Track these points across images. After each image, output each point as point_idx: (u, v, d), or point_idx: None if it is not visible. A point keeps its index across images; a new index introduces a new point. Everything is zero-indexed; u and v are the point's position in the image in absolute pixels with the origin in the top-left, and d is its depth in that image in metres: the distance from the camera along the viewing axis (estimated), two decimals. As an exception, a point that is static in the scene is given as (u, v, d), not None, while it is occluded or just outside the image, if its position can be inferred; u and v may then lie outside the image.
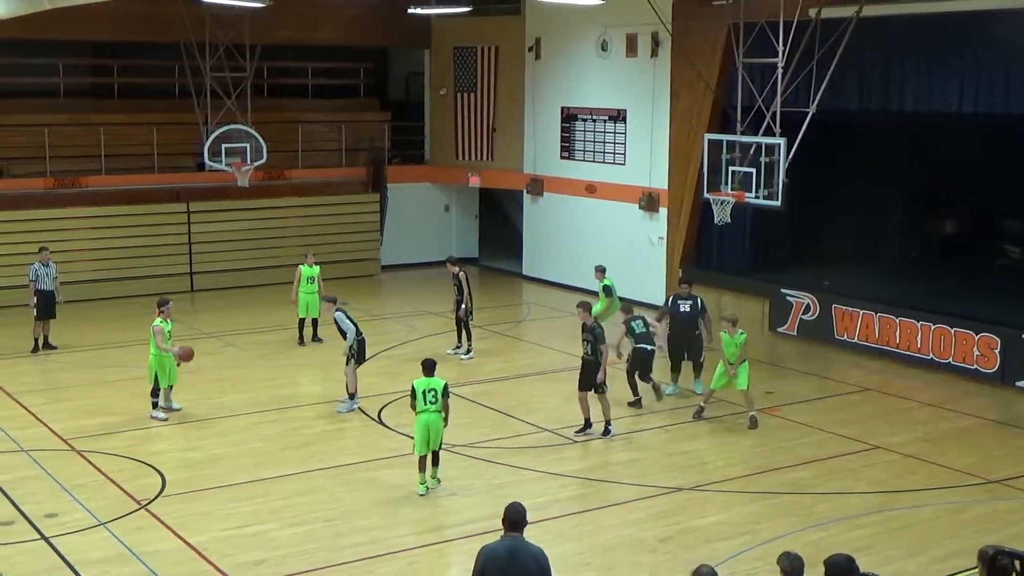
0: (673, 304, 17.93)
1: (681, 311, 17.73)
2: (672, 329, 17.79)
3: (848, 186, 23.61)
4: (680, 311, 17.73)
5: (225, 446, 15.32)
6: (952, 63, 18.96)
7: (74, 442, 15.25)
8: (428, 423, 13.23)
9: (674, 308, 17.85)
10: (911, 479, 13.91)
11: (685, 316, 17.67)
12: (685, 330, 17.68)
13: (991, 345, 18.48)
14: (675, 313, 17.80)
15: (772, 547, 11.35)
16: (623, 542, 12.11)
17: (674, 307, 17.86)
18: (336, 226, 27.95)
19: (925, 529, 12.50)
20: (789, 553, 7.96)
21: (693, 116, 23.09)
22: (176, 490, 13.50)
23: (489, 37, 28.21)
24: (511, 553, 8.19)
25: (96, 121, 25.83)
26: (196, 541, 11.98)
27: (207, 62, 24.31)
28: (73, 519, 12.57)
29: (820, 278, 22.21)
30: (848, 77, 19.72)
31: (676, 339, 17.77)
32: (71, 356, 19.99)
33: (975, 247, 24.48)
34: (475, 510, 12.96)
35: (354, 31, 28.31)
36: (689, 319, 17.62)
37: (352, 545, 11.98)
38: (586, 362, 15.45)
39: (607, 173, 25.65)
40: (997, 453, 15.23)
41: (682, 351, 17.84)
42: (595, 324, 15.52)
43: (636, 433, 16.12)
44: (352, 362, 16.61)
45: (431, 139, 30.27)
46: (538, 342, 21.27)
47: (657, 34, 23.61)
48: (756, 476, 14.18)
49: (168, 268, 25.80)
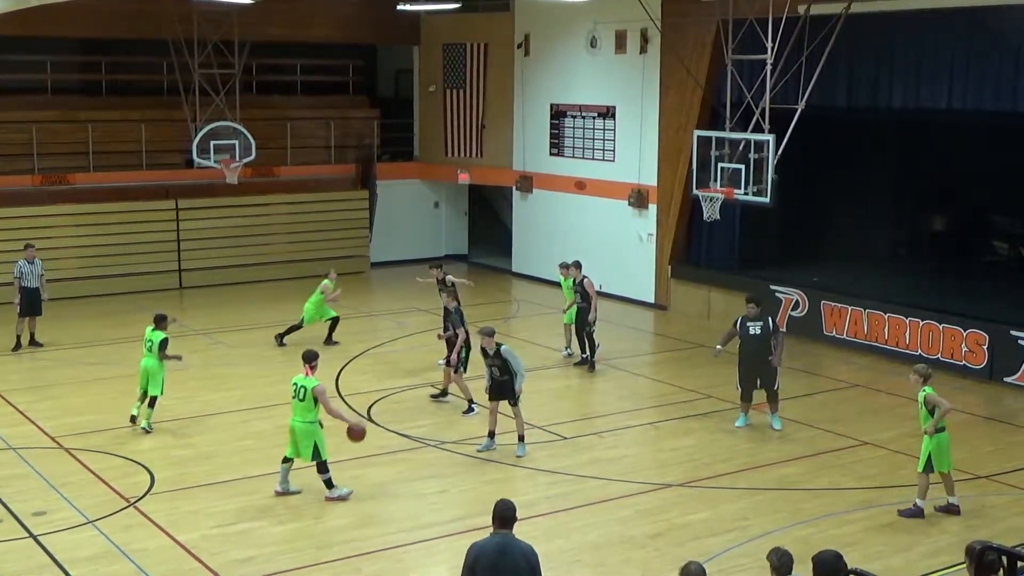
0: (742, 327, 15.91)
1: (751, 334, 15.84)
2: (741, 355, 16.02)
3: (837, 183, 23.66)
4: (749, 334, 15.85)
5: (214, 444, 15.30)
6: (942, 59, 18.98)
7: (62, 440, 15.21)
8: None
9: (743, 331, 15.91)
10: (899, 475, 13.94)
11: (756, 339, 15.79)
12: (757, 355, 15.77)
13: (979, 341, 18.53)
14: (744, 336, 15.91)
15: (761, 543, 11.37)
16: (612, 539, 12.12)
17: (743, 330, 15.90)
18: (325, 223, 27.90)
19: (913, 525, 12.52)
20: (778, 549, 7.99)
21: (682, 113, 23.11)
22: (165, 488, 13.48)
23: (478, 34, 28.19)
24: (501, 550, 8.20)
25: (84, 118, 25.76)
26: (185, 539, 11.96)
27: (196, 59, 24.25)
28: (61, 517, 12.54)
29: (809, 274, 22.25)
30: (837, 73, 19.76)
31: (747, 366, 15.95)
32: (58, 354, 19.94)
33: (964, 243, 24.53)
34: (464, 507, 12.96)
35: (343, 28, 28.26)
36: (761, 343, 15.76)
37: (340, 542, 11.98)
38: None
39: (596, 170, 25.65)
40: (986, 449, 15.28)
41: (754, 379, 15.90)
42: (457, 308, 16.86)
43: (625, 429, 16.13)
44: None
45: (420, 136, 30.24)
46: (527, 339, 21.26)
47: (646, 30, 23.62)
48: (745, 472, 14.21)
49: (156, 265, 25.74)
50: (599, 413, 17.22)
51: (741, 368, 15.99)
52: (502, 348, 14.63)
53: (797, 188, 20.94)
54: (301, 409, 13.00)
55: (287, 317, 21.08)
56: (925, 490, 12.70)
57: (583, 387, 18.50)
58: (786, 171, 18.86)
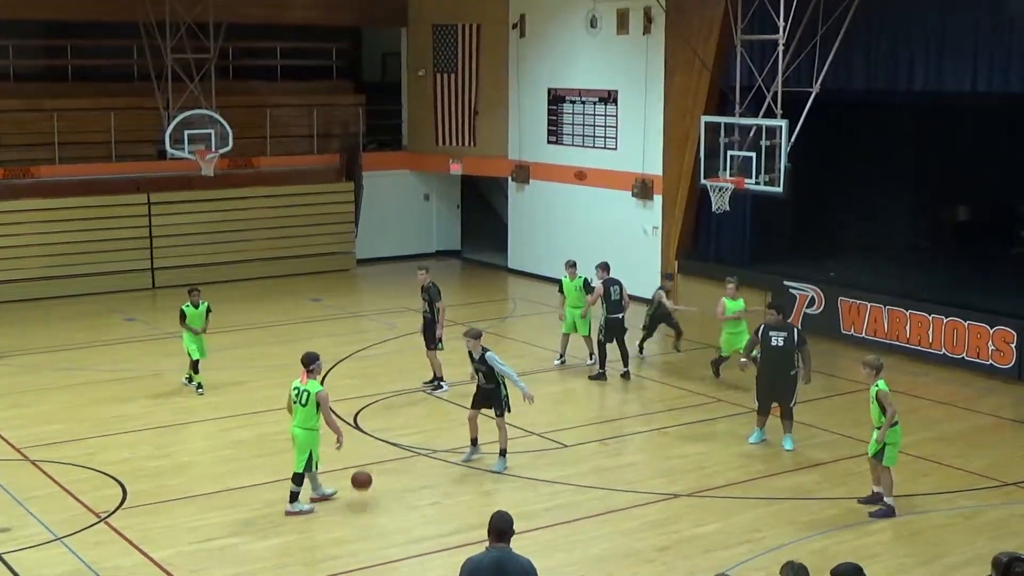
0: (764, 335, 15.42)
1: (772, 345, 15.29)
2: (761, 366, 15.59)
3: (854, 171, 23.71)
4: (771, 345, 15.30)
5: (192, 454, 15.31)
6: (965, 38, 18.99)
7: (28, 451, 15.20)
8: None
9: (764, 340, 15.41)
10: (923, 482, 13.99)
11: (778, 352, 15.26)
12: (778, 368, 15.28)
13: (1007, 339, 18.57)
14: (765, 347, 15.38)
15: (775, 556, 11.41)
16: (618, 552, 12.15)
17: (764, 339, 15.41)
18: (308, 217, 27.92)
19: (937, 535, 12.58)
20: (793, 563, 8.01)
21: (689, 97, 23.13)
22: (138, 501, 13.48)
23: (470, 14, 28.20)
24: (497, 565, 8.21)
25: (49, 106, 25.73)
26: (160, 556, 11.97)
27: (168, 42, 24.20)
28: (28, 534, 12.53)
29: (825, 269, 22.29)
30: (854, 54, 19.78)
31: (765, 378, 15.51)
32: (23, 359, 19.92)
33: (990, 234, 24.59)
34: (459, 520, 12.98)
35: (326, 9, 28.27)
36: (783, 355, 15.25)
37: (328, 559, 11.99)
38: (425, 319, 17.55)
39: (597, 159, 25.68)
40: (1015, 454, 15.32)
41: (772, 393, 15.49)
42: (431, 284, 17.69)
43: (630, 436, 16.17)
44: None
45: (409, 124, 30.24)
46: (525, 340, 21.30)
47: (650, 9, 23.65)
48: (758, 481, 14.24)
49: (127, 264, 25.74)
50: (602, 419, 17.27)
51: (759, 380, 15.67)
52: (487, 354, 14.44)
53: (811, 177, 20.97)
54: (303, 414, 12.97)
55: (266, 318, 21.09)
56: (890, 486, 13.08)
57: (584, 392, 18.52)
58: (800, 159, 18.89)
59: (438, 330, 17.67)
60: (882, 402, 12.94)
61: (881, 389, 12.96)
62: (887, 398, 12.94)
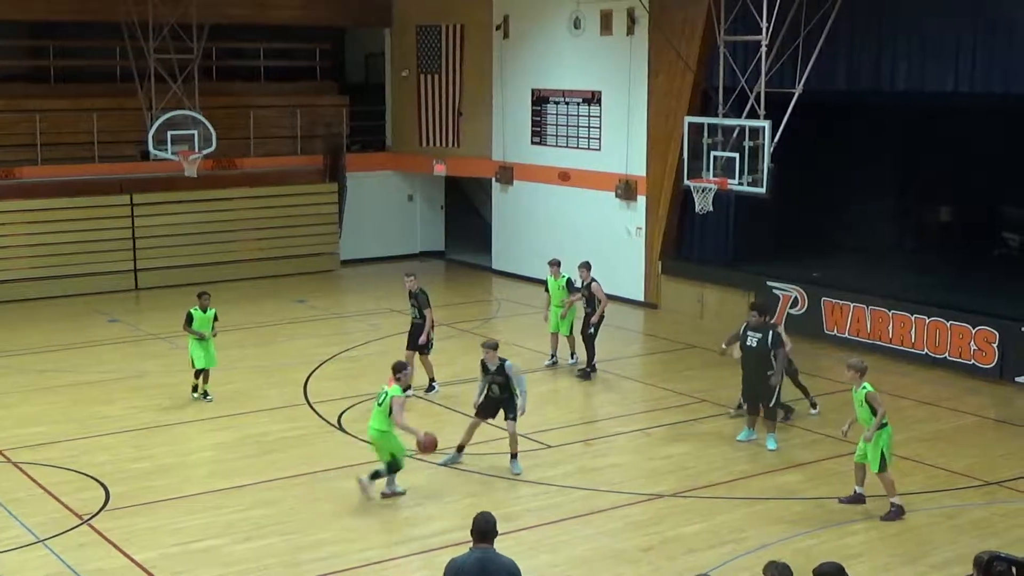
0: (743, 335, 15.48)
1: (748, 344, 15.31)
2: (742, 365, 15.65)
3: (837, 171, 23.76)
4: (747, 344, 15.32)
5: (174, 455, 15.26)
6: (948, 39, 19.05)
7: (10, 453, 15.14)
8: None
9: (742, 339, 15.43)
10: (905, 482, 14.00)
11: (752, 353, 15.28)
12: (754, 369, 15.29)
13: (989, 339, 18.65)
14: (743, 347, 15.41)
15: (759, 556, 11.41)
16: (602, 553, 12.15)
17: (743, 338, 15.44)
18: (291, 218, 27.88)
19: (920, 535, 12.60)
20: (776, 562, 8.02)
21: (672, 98, 23.17)
22: (121, 503, 13.43)
23: (454, 15, 28.20)
24: (481, 566, 8.21)
25: (31, 107, 25.64)
26: (143, 558, 11.93)
27: (151, 43, 24.14)
28: (9, 536, 12.48)
29: (808, 269, 22.34)
30: (837, 55, 19.84)
31: (745, 378, 15.63)
32: (6, 360, 19.83)
33: (972, 236, 24.67)
34: (443, 521, 12.96)
35: (309, 9, 28.23)
36: (758, 357, 15.21)
37: (312, 560, 11.97)
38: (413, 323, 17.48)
39: (581, 159, 25.70)
40: (997, 453, 15.38)
41: (753, 393, 15.53)
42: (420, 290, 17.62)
43: (613, 437, 16.17)
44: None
45: (393, 125, 30.24)
46: (509, 340, 21.27)
47: (633, 10, 23.67)
48: (741, 481, 14.26)
49: (110, 265, 25.66)
50: (586, 419, 17.28)
51: (743, 381, 15.78)
52: (506, 364, 14.44)
53: (795, 178, 20.99)
54: (378, 416, 13.52)
55: (250, 319, 21.05)
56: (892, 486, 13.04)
57: (569, 392, 18.53)
58: (783, 159, 18.92)
59: (422, 337, 17.57)
60: (872, 404, 12.91)
61: (870, 391, 12.95)
62: (877, 399, 12.92)
